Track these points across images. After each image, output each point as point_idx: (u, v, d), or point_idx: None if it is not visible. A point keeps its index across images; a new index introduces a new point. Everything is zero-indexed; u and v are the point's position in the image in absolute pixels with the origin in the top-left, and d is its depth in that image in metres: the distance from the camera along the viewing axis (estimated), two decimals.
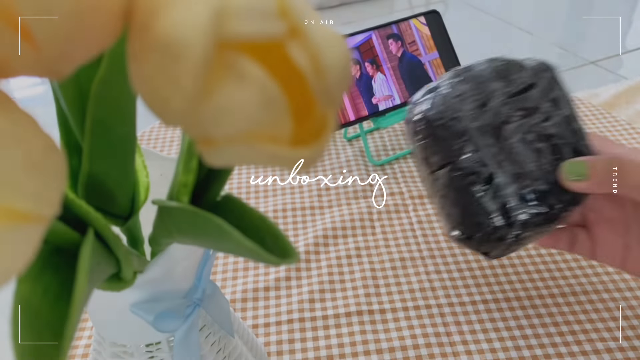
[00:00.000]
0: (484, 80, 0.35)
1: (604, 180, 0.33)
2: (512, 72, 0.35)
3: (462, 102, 0.34)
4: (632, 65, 1.02)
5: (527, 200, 0.34)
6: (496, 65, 0.36)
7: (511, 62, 0.36)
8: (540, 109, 0.35)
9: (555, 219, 0.35)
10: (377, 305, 0.42)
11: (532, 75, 0.36)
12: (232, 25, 0.10)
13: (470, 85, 0.35)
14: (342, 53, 0.11)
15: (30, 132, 0.11)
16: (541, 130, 0.35)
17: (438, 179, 0.36)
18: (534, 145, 0.34)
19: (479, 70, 0.35)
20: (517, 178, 0.34)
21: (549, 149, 0.35)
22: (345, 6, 1.38)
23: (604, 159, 0.33)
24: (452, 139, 0.35)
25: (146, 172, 0.24)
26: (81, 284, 0.15)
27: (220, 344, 0.30)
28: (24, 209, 0.11)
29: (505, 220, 0.34)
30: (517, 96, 0.35)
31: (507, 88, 0.35)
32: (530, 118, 0.35)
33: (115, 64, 0.15)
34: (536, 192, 0.34)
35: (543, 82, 0.36)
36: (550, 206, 0.34)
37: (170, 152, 0.62)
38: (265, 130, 0.11)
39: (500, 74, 0.35)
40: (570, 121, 0.36)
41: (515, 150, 0.34)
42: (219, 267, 0.46)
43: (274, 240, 0.17)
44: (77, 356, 0.40)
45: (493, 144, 0.34)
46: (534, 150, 0.34)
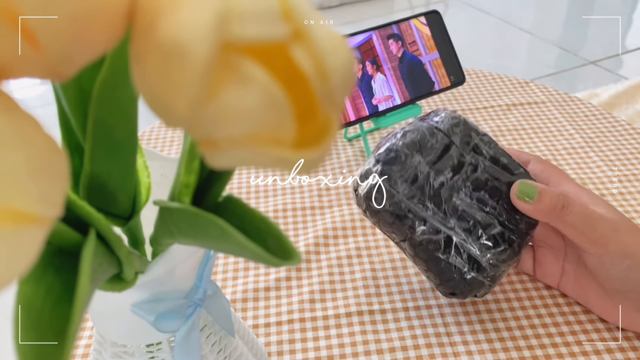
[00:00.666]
0: (405, 159, 0.37)
1: (548, 211, 0.36)
2: (426, 140, 0.38)
3: (394, 185, 0.37)
4: (632, 65, 1.02)
5: (488, 247, 0.37)
6: (412, 139, 0.38)
7: (422, 129, 0.38)
8: (465, 162, 0.38)
9: (520, 249, 0.38)
10: (377, 305, 0.42)
11: (445, 135, 0.38)
12: (236, 27, 0.10)
13: (395, 168, 0.37)
14: (345, 56, 0.11)
15: (32, 133, 0.11)
16: (474, 180, 0.38)
17: (405, 249, 0.39)
18: (474, 196, 0.38)
19: (398, 148, 0.38)
20: (471, 231, 0.37)
21: (488, 193, 0.38)
22: (346, 6, 1.37)
23: (554, 192, 0.37)
24: (400, 220, 0.37)
25: (147, 173, 0.24)
26: (83, 285, 0.15)
27: (221, 344, 0.30)
28: (27, 211, 0.11)
29: (476, 271, 0.37)
30: (439, 161, 0.38)
31: (428, 157, 0.38)
32: (459, 175, 0.38)
33: (117, 65, 0.15)
34: (493, 236, 0.37)
35: (458, 137, 0.39)
36: (509, 242, 0.37)
37: (171, 152, 0.62)
38: (269, 132, 0.11)
39: (416, 146, 0.38)
40: (496, 160, 0.39)
41: (459, 207, 0.37)
42: (220, 268, 0.46)
43: (276, 241, 0.17)
44: (77, 356, 0.40)
45: (437, 210, 0.37)
46: (476, 201, 0.38)
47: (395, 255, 0.47)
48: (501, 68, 0.77)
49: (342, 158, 0.59)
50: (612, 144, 0.59)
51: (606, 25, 1.17)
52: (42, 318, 0.15)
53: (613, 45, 1.07)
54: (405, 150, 0.37)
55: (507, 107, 0.67)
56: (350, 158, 0.59)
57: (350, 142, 0.62)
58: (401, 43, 0.58)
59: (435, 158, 0.38)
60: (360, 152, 0.60)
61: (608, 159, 0.57)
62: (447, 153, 0.38)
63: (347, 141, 0.62)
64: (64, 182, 0.12)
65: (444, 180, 0.37)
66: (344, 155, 0.60)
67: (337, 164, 0.58)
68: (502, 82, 0.73)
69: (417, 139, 0.38)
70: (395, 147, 0.37)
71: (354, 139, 0.63)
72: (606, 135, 0.61)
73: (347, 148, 0.61)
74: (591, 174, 0.55)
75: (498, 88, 0.71)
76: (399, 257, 0.46)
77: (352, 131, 0.64)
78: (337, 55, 0.11)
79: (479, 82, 0.73)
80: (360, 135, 0.63)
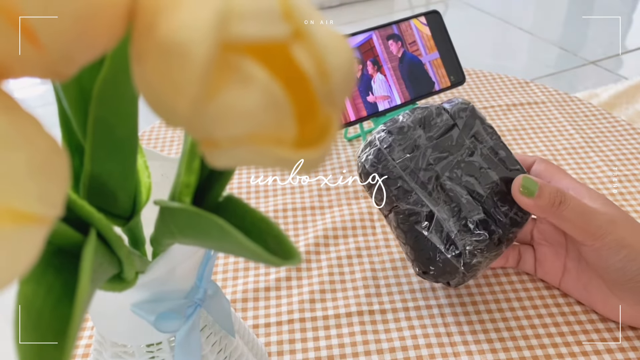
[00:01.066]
0: (408, 130, 0.38)
1: (546, 207, 0.37)
2: (432, 118, 0.39)
3: (391, 152, 0.38)
4: (632, 65, 1.02)
5: (468, 231, 0.37)
6: (417, 114, 0.39)
7: (431, 108, 0.40)
8: (463, 146, 0.39)
9: (500, 243, 0.38)
10: (377, 305, 0.42)
11: (450, 117, 0.40)
12: (236, 27, 0.10)
13: (396, 137, 0.38)
14: (346, 55, 0.11)
15: (33, 133, 0.11)
16: (467, 164, 0.39)
17: (390, 222, 0.40)
18: (464, 179, 0.38)
19: (402, 122, 0.39)
20: (454, 212, 0.37)
21: (478, 180, 0.38)
22: (346, 6, 1.37)
23: (553, 188, 0.37)
24: (390, 186, 0.38)
25: (148, 173, 0.24)
26: (84, 285, 0.15)
27: (221, 344, 0.30)
28: (27, 210, 0.11)
29: (452, 252, 0.37)
30: (440, 138, 0.39)
31: (429, 133, 0.39)
32: (455, 155, 0.39)
33: (118, 64, 0.15)
34: (474, 222, 0.37)
35: (462, 121, 0.40)
36: (490, 232, 0.37)
37: (171, 151, 0.62)
38: (269, 132, 0.11)
39: (421, 122, 0.39)
40: (495, 152, 0.40)
41: (447, 187, 0.38)
42: (220, 268, 0.46)
43: (276, 241, 0.17)
44: (77, 356, 0.40)
45: (426, 184, 0.38)
46: (465, 184, 0.38)
47: (396, 255, 0.47)
48: (501, 68, 0.77)
49: (342, 158, 0.59)
50: (612, 144, 0.59)
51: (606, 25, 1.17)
52: (43, 318, 0.15)
53: (613, 45, 1.07)
54: (409, 123, 0.38)
55: (507, 107, 0.67)
56: (350, 158, 0.59)
57: (350, 142, 0.62)
58: (401, 43, 0.58)
59: (436, 136, 0.39)
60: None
61: (608, 159, 0.57)
62: (448, 134, 0.39)
63: (347, 141, 0.62)
64: (65, 182, 0.12)
65: (438, 157, 0.38)
66: (344, 155, 0.60)
67: (337, 164, 0.58)
68: (502, 82, 0.73)
69: (423, 114, 0.39)
70: (402, 119, 0.39)
71: (354, 139, 0.63)
72: (606, 135, 0.61)
73: (347, 148, 0.61)
74: (591, 174, 0.55)
75: (498, 88, 0.71)
76: (399, 257, 0.46)
77: (352, 131, 0.64)
78: (338, 54, 0.11)
79: (479, 82, 0.73)
80: (360, 135, 0.63)
